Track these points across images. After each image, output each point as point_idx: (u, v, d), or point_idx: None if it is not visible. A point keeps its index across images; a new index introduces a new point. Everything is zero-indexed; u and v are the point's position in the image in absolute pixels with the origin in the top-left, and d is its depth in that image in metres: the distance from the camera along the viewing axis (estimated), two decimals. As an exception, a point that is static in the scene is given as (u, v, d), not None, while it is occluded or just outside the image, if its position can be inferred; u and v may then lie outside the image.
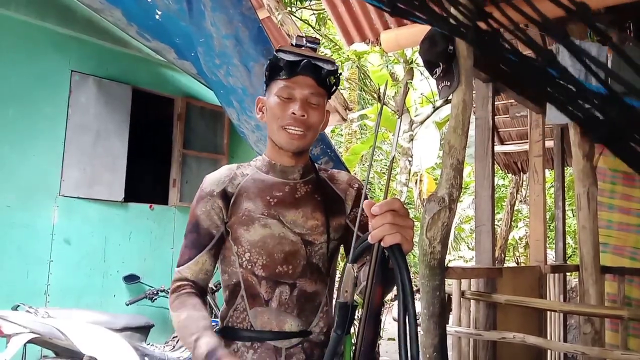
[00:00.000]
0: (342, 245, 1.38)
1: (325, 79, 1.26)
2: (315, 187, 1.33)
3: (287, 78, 1.24)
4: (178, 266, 1.28)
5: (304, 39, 1.30)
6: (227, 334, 1.25)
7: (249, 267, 1.24)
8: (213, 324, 3.28)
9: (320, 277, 1.29)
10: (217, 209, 1.27)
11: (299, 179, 1.33)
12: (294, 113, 1.23)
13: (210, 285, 3.52)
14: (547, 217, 4.80)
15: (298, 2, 7.42)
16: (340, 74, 1.35)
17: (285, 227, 1.26)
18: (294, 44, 1.29)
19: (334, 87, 1.32)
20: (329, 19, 6.25)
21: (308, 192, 1.31)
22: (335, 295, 1.32)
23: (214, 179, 1.30)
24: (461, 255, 13.69)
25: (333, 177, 1.40)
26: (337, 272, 1.55)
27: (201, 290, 1.28)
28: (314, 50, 1.30)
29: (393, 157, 0.99)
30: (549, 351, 4.18)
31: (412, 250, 0.97)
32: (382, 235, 0.86)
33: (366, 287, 0.89)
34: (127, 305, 3.59)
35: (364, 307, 0.90)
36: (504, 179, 12.04)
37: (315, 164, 1.40)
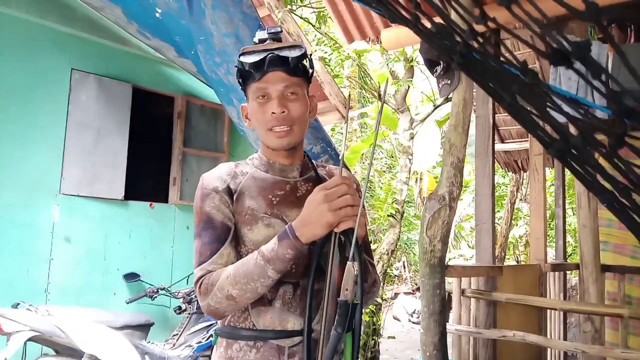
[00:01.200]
0: None
1: (296, 67, 1.23)
2: (316, 185, 1.33)
3: (258, 79, 1.21)
4: (199, 265, 1.19)
5: (265, 32, 1.26)
6: (229, 333, 1.24)
7: None
8: (214, 322, 3.26)
9: (322, 275, 1.29)
10: (225, 203, 1.24)
11: (298, 177, 1.32)
12: (273, 112, 1.21)
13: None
14: (548, 215, 4.80)
15: (298, 0, 7.41)
16: (311, 54, 1.33)
17: None
18: (256, 42, 1.26)
19: (310, 71, 1.28)
20: (330, 17, 6.24)
21: (309, 190, 1.30)
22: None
23: (215, 176, 1.28)
24: (461, 254, 13.70)
25: (332, 174, 1.39)
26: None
27: None
28: (278, 40, 1.26)
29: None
30: (549, 349, 4.18)
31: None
32: (338, 221, 1.06)
33: (327, 269, 1.08)
34: (128, 303, 3.59)
35: (325, 287, 1.09)
36: (504, 177, 12.03)
37: (313, 161, 1.39)
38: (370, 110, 9.68)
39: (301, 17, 7.78)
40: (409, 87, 7.38)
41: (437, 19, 0.44)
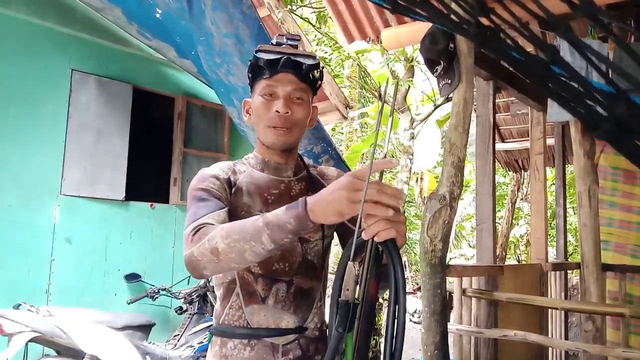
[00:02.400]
0: (337, 243, 1.39)
1: (307, 74, 1.26)
2: (309, 185, 1.34)
3: (268, 77, 1.24)
4: (194, 220, 1.11)
5: (284, 37, 1.29)
6: (223, 332, 1.25)
7: None
8: (209, 322, 3.25)
9: (315, 273, 1.30)
10: (224, 189, 1.24)
11: (292, 176, 1.34)
12: (277, 111, 1.23)
13: (212, 283, 3.52)
14: (548, 214, 4.80)
15: (298, 0, 7.41)
16: (323, 67, 1.34)
17: None
18: (274, 43, 1.29)
19: (318, 82, 1.31)
20: (330, 17, 6.24)
21: (302, 189, 1.32)
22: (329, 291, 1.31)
23: (215, 168, 1.29)
24: (462, 253, 13.71)
25: (323, 173, 1.41)
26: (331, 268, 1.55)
27: None
28: (295, 47, 1.29)
29: (385, 155, 0.99)
30: (550, 349, 4.18)
31: (408, 245, 1.00)
32: (377, 230, 0.89)
33: (361, 281, 0.92)
34: (129, 304, 3.60)
35: (360, 301, 0.92)
36: (505, 176, 12.03)
37: (305, 160, 1.40)
38: (370, 110, 9.68)
39: (301, 17, 7.79)
40: (409, 86, 7.38)
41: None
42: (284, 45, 1.28)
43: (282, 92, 1.24)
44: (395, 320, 0.88)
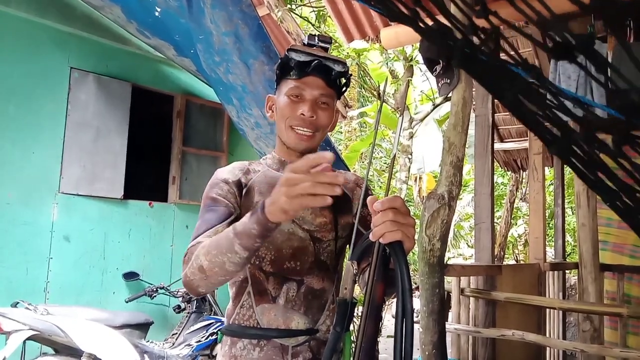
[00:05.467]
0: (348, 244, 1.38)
1: (335, 80, 1.27)
2: None
3: (297, 78, 1.24)
4: (193, 239, 1.17)
5: (316, 38, 1.29)
6: (234, 331, 1.25)
7: (257, 262, 1.24)
8: (213, 320, 3.24)
9: (327, 274, 1.29)
10: (232, 193, 1.25)
11: None
12: (303, 114, 1.23)
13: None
14: (547, 214, 4.80)
15: (298, -1, 7.41)
16: (351, 75, 1.34)
17: (294, 223, 1.26)
18: (305, 43, 1.29)
19: (344, 88, 1.32)
20: (329, 16, 6.24)
21: None
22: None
23: (227, 170, 1.30)
24: (460, 253, 13.72)
25: (344, 179, 1.41)
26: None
27: None
28: (326, 49, 1.29)
29: (394, 156, 0.99)
30: (548, 348, 4.19)
31: (413, 248, 0.97)
32: (383, 232, 0.87)
33: (367, 283, 0.90)
34: (127, 302, 3.59)
35: (364, 304, 0.90)
36: (503, 176, 12.04)
37: None
38: (369, 109, 9.68)
39: (301, 16, 7.79)
40: (409, 86, 7.39)
41: (437, 17, 0.44)
42: (315, 47, 1.28)
43: (309, 95, 1.24)
44: (403, 324, 0.86)
